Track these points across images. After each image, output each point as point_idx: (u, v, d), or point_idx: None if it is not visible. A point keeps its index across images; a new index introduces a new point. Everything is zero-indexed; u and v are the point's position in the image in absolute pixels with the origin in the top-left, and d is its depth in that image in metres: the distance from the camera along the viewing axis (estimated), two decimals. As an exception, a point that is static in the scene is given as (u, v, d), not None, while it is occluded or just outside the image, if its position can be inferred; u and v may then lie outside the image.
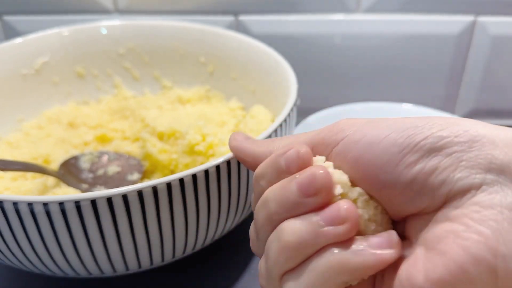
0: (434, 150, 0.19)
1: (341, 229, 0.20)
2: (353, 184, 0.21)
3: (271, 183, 0.22)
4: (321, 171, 0.20)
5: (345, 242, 0.20)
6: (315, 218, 0.20)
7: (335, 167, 0.22)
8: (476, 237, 0.17)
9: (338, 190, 0.21)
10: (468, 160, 0.19)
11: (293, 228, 0.20)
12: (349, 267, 0.19)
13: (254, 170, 0.25)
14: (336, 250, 0.20)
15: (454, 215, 0.19)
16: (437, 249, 0.18)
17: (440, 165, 0.19)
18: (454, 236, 0.18)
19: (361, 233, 0.21)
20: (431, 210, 0.20)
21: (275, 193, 0.22)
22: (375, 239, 0.20)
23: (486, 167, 0.18)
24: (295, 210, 0.21)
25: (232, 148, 0.27)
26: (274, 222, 0.22)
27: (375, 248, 0.19)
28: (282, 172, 0.22)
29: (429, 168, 0.19)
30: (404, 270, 0.19)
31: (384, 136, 0.20)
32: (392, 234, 0.20)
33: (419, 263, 0.19)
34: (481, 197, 0.18)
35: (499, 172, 0.18)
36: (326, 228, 0.20)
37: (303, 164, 0.22)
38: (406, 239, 0.21)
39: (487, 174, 0.18)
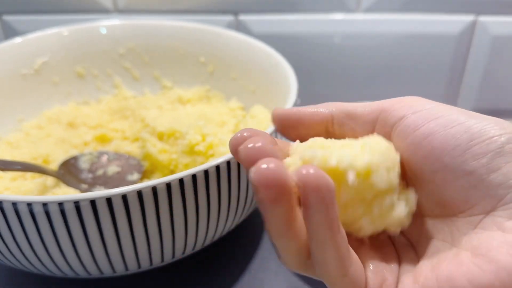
0: (503, 150, 0.19)
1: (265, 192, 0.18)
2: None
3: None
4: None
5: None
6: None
7: (395, 140, 0.22)
8: None
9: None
10: None
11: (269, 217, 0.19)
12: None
13: (302, 136, 0.24)
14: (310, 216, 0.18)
15: (508, 226, 0.19)
16: (488, 256, 0.18)
17: (505, 167, 0.19)
18: (508, 247, 0.18)
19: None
20: (478, 212, 0.20)
21: None
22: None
23: None
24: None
25: (281, 114, 0.25)
26: None
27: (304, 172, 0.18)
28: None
29: (493, 166, 0.19)
30: (445, 269, 0.19)
31: (458, 123, 0.20)
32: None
33: (463, 267, 0.19)
34: None
35: None
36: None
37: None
38: (432, 238, 0.21)
39: None
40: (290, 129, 0.25)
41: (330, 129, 0.25)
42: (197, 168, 0.29)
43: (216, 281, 0.39)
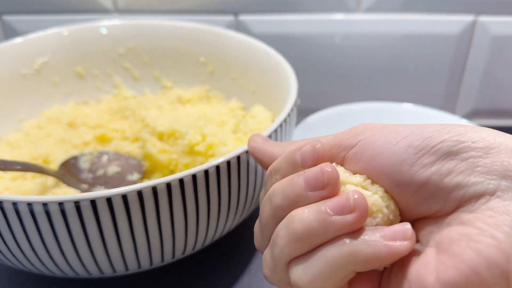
0: (450, 153, 0.20)
1: (349, 218, 0.20)
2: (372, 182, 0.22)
3: (284, 177, 0.23)
4: (328, 168, 0.21)
5: (357, 232, 0.20)
6: (323, 207, 0.20)
7: (350, 170, 0.22)
8: (490, 240, 0.18)
9: (349, 187, 0.21)
10: (483, 166, 0.19)
11: (302, 216, 0.20)
12: (360, 257, 0.19)
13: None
14: (347, 240, 0.20)
15: (468, 219, 0.19)
16: (450, 251, 0.18)
17: (456, 168, 0.19)
18: (467, 239, 0.18)
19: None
20: (443, 214, 0.20)
21: (282, 187, 0.22)
22: (389, 230, 0.19)
23: (501, 174, 0.19)
24: (299, 203, 0.21)
25: (250, 149, 0.28)
26: (279, 217, 0.22)
27: (389, 239, 0.19)
28: (297, 166, 0.22)
29: (445, 171, 0.19)
30: (414, 270, 0.19)
31: (401, 137, 0.21)
32: (407, 226, 0.20)
33: (430, 265, 0.19)
34: (495, 203, 0.18)
35: None
36: (334, 217, 0.20)
37: (318, 158, 0.22)
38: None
39: (502, 180, 0.19)
40: (257, 162, 0.27)
41: None
42: (197, 168, 0.29)
43: (216, 281, 0.39)
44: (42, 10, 0.57)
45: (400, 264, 0.20)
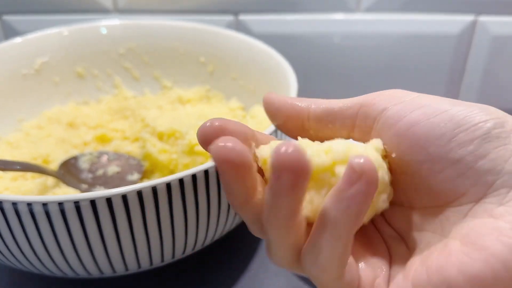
0: (490, 135, 0.19)
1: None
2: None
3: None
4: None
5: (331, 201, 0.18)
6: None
7: (378, 133, 0.21)
8: None
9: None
10: None
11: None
12: (340, 226, 0.18)
13: (289, 130, 0.24)
14: (325, 219, 0.18)
15: (499, 212, 0.18)
16: (478, 244, 0.18)
17: (492, 152, 0.19)
18: (498, 234, 0.17)
19: None
20: (468, 201, 0.19)
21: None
22: (343, 180, 0.18)
23: None
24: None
25: (272, 101, 0.24)
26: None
27: (348, 188, 0.17)
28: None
29: (481, 152, 0.19)
30: (434, 260, 0.19)
31: (442, 111, 0.20)
32: (353, 164, 0.17)
33: (452, 256, 0.18)
34: None
35: None
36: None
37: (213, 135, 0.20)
38: (424, 230, 0.21)
39: None
40: (273, 116, 0.24)
41: (306, 125, 0.23)
42: (197, 168, 0.29)
43: (216, 281, 0.38)
44: (42, 10, 0.57)
45: (418, 252, 0.20)
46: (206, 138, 0.20)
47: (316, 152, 0.20)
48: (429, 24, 0.56)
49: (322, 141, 0.22)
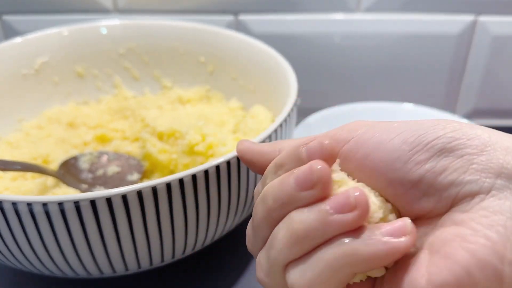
0: (445, 150, 0.19)
1: (350, 216, 0.19)
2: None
3: (276, 171, 0.22)
4: (319, 166, 0.20)
5: (356, 231, 0.19)
6: (324, 206, 0.19)
7: (343, 168, 0.22)
8: (483, 241, 0.17)
9: (342, 188, 0.20)
10: (479, 163, 0.19)
11: (301, 216, 0.20)
12: (359, 257, 0.18)
13: (261, 172, 0.24)
14: (346, 240, 0.19)
15: (461, 219, 0.18)
16: (442, 252, 0.18)
17: (450, 166, 0.19)
18: (460, 240, 0.18)
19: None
20: (437, 214, 0.19)
21: (273, 187, 0.21)
22: (388, 227, 0.19)
23: (496, 172, 0.18)
24: (291, 204, 0.20)
25: (240, 151, 0.26)
26: (273, 219, 0.21)
27: (388, 235, 0.18)
28: (303, 163, 0.21)
29: (439, 168, 0.19)
30: (406, 273, 0.19)
31: (395, 134, 0.20)
32: (406, 220, 0.19)
33: (422, 267, 0.18)
34: (490, 202, 0.18)
35: (510, 178, 0.18)
36: (335, 216, 0.19)
37: (326, 155, 0.21)
38: None
39: (497, 179, 0.18)
40: (249, 165, 0.26)
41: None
42: (197, 168, 0.29)
43: (216, 281, 0.39)
44: (42, 10, 0.57)
45: (393, 267, 0.20)
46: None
47: None
48: (429, 24, 0.56)
49: None
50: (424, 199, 0.20)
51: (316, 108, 0.54)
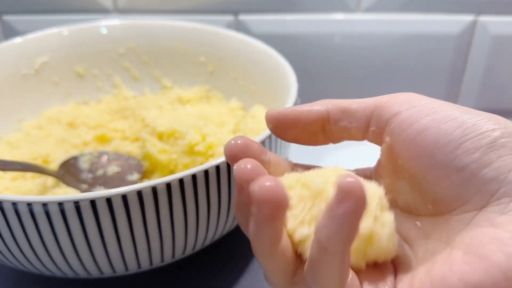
0: (495, 145, 0.19)
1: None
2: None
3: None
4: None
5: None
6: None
7: (389, 137, 0.22)
8: None
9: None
10: None
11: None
12: (331, 242, 0.18)
13: (290, 137, 0.24)
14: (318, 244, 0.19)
15: (500, 221, 0.18)
16: (479, 253, 0.18)
17: (497, 161, 0.19)
18: (498, 243, 0.18)
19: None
20: (472, 209, 0.19)
21: None
22: (334, 200, 0.18)
23: None
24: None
25: (275, 115, 0.24)
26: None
27: (336, 206, 0.17)
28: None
29: (486, 160, 0.19)
30: (437, 269, 0.19)
31: (451, 118, 0.20)
32: (341, 184, 0.17)
33: (455, 265, 0.18)
34: None
35: None
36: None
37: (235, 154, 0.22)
38: (430, 238, 0.21)
39: None
40: (287, 129, 0.24)
41: (327, 127, 0.24)
42: (197, 168, 0.29)
43: (216, 281, 0.39)
44: (42, 10, 0.57)
45: (423, 261, 0.20)
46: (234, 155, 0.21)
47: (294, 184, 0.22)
48: (429, 24, 0.56)
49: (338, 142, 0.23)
50: (463, 187, 0.20)
51: (316, 108, 0.54)
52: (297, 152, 0.39)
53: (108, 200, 0.28)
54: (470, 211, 0.20)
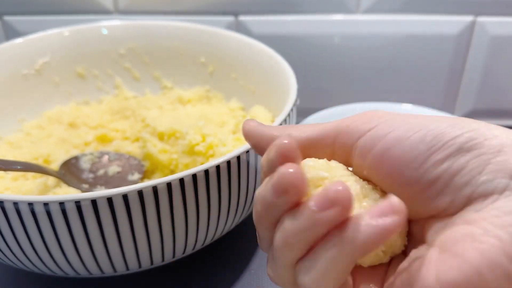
0: (462, 150, 0.19)
1: (333, 211, 0.18)
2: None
3: (265, 174, 0.22)
4: (291, 170, 0.19)
5: (346, 223, 0.19)
6: (308, 206, 0.19)
7: (357, 160, 0.21)
8: (493, 241, 0.17)
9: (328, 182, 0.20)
10: (495, 164, 0.19)
11: (290, 219, 0.20)
12: (355, 247, 0.18)
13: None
14: (339, 233, 0.19)
15: (473, 218, 0.18)
16: (452, 251, 0.18)
17: (467, 165, 0.19)
18: (471, 239, 0.18)
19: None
20: (451, 213, 0.20)
21: (259, 193, 0.21)
22: (375, 209, 0.18)
23: None
24: (276, 209, 0.20)
25: (246, 132, 0.25)
26: (265, 222, 0.21)
27: (376, 217, 0.18)
28: (272, 163, 0.21)
29: (456, 168, 0.19)
30: (416, 270, 0.19)
31: (413, 132, 0.20)
32: (392, 199, 0.18)
33: (431, 265, 0.18)
34: (503, 202, 0.18)
35: None
36: (319, 214, 0.18)
37: (282, 156, 0.20)
38: (424, 242, 0.21)
39: None
40: (252, 147, 0.25)
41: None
42: (198, 168, 0.29)
43: (217, 281, 0.39)
44: (43, 11, 0.57)
45: (405, 264, 0.20)
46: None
47: None
48: (428, 25, 0.56)
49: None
50: (439, 198, 0.20)
51: (316, 109, 0.54)
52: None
53: (109, 200, 0.28)
54: (449, 215, 0.20)
